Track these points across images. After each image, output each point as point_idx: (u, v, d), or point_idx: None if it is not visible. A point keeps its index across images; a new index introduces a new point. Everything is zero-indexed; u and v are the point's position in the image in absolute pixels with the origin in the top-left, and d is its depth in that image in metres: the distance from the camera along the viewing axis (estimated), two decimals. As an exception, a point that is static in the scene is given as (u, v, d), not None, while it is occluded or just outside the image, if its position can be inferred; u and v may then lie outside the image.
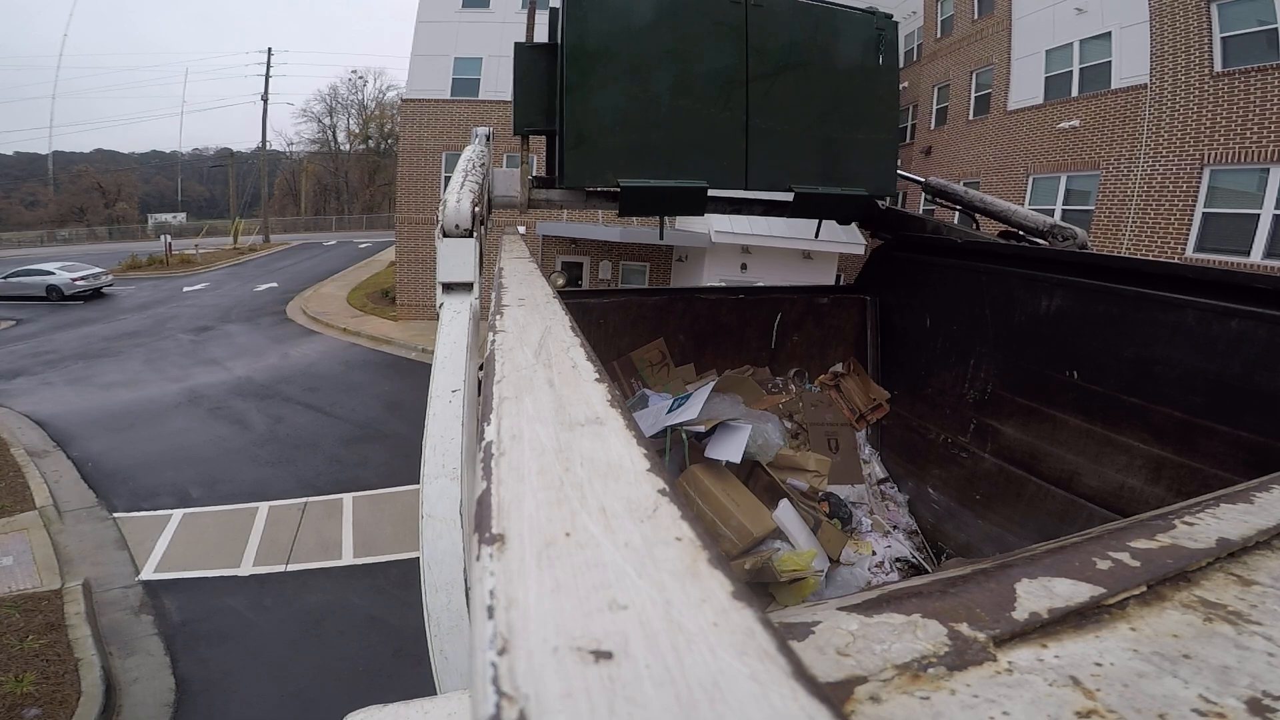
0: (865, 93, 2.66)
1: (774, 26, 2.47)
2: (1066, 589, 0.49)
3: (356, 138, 53.82)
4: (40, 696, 4.71)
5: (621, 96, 2.36)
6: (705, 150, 2.45)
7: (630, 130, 2.39)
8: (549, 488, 0.38)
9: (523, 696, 0.22)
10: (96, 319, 17.99)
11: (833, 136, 2.63)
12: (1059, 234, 2.61)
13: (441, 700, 0.92)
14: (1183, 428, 1.93)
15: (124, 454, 8.98)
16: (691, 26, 2.42)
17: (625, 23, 2.35)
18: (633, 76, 2.36)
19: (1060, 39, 12.27)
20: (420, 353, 14.31)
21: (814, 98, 2.57)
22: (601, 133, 2.37)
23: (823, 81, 2.58)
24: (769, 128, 2.49)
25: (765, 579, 2.27)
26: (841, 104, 2.62)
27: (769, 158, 2.50)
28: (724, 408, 2.76)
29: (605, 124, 2.37)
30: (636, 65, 2.36)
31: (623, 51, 2.35)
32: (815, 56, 2.57)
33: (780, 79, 2.50)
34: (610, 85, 2.35)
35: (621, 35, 2.35)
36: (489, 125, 2.91)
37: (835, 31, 2.60)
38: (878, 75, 2.65)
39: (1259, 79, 8.99)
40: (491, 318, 0.85)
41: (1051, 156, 12.40)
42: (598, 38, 2.33)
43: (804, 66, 2.54)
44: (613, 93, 2.36)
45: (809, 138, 2.59)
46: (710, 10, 2.41)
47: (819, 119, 2.59)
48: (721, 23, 2.42)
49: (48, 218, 46.18)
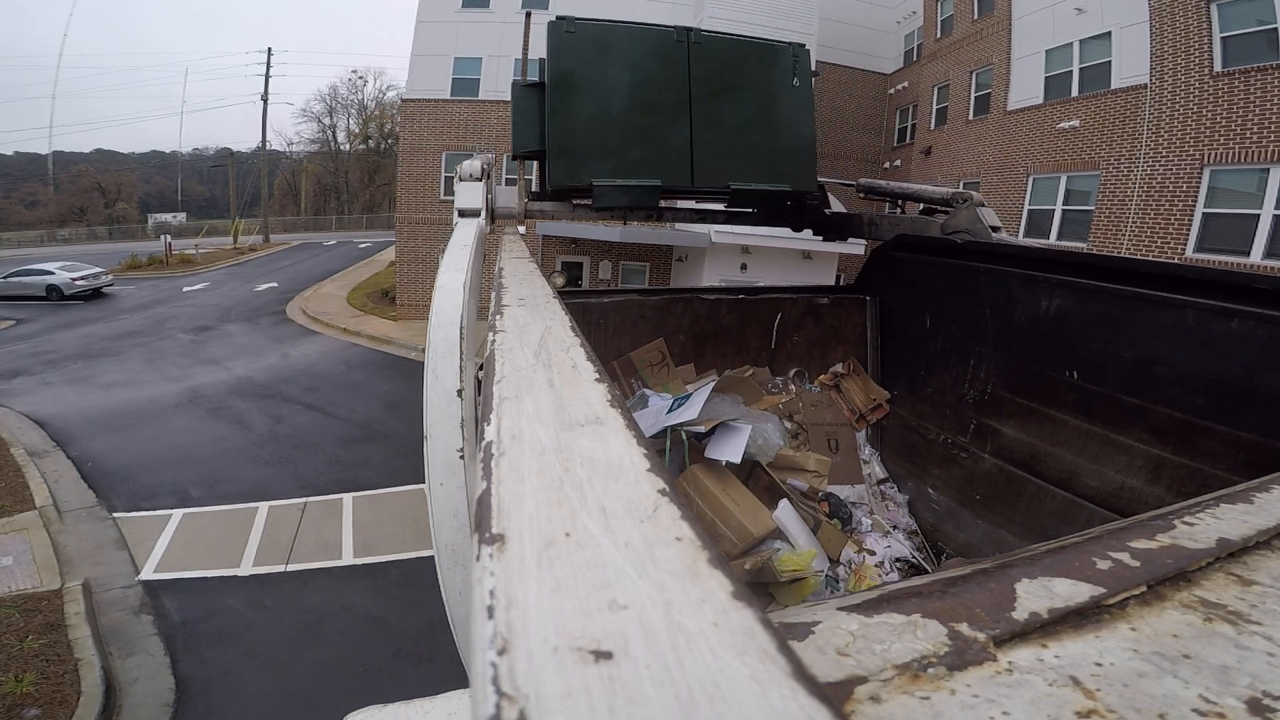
0: (785, 108, 3.24)
1: (710, 58, 3.13)
2: (1066, 589, 0.49)
3: (356, 138, 53.84)
4: (40, 696, 4.71)
5: (593, 118, 2.99)
6: (659, 157, 3.03)
7: (600, 142, 2.98)
8: (549, 488, 0.38)
9: (523, 696, 0.22)
10: (96, 319, 17.98)
11: (760, 144, 3.18)
12: (958, 200, 2.95)
13: (441, 700, 0.92)
14: (1183, 428, 1.93)
15: (124, 454, 8.98)
16: (646, 61, 3.07)
17: (595, 62, 3.00)
18: (601, 102, 2.99)
19: (1060, 39, 12.27)
20: (420, 352, 14.30)
21: (744, 113, 3.16)
22: (578, 144, 2.95)
23: (750, 100, 3.19)
24: (709, 138, 3.08)
25: (765, 579, 2.27)
26: (766, 117, 3.21)
27: (710, 162, 3.07)
28: (724, 408, 2.76)
29: (580, 138, 2.96)
30: (604, 93, 3.00)
31: (593, 84, 2.99)
32: (744, 80, 3.20)
33: (717, 99, 3.11)
34: (584, 109, 2.97)
35: (592, 71, 3.00)
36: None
37: (759, 60, 3.26)
38: (795, 93, 3.25)
39: (1259, 79, 8.99)
40: (491, 318, 0.85)
41: (1051, 156, 12.40)
42: (574, 74, 2.97)
43: (735, 89, 3.16)
44: (586, 115, 2.97)
45: (741, 145, 3.15)
46: (659, 48, 3.08)
47: (748, 130, 3.17)
48: (669, 57, 3.08)
49: (48, 218, 46.18)
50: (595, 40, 3.01)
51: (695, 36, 3.11)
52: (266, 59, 38.39)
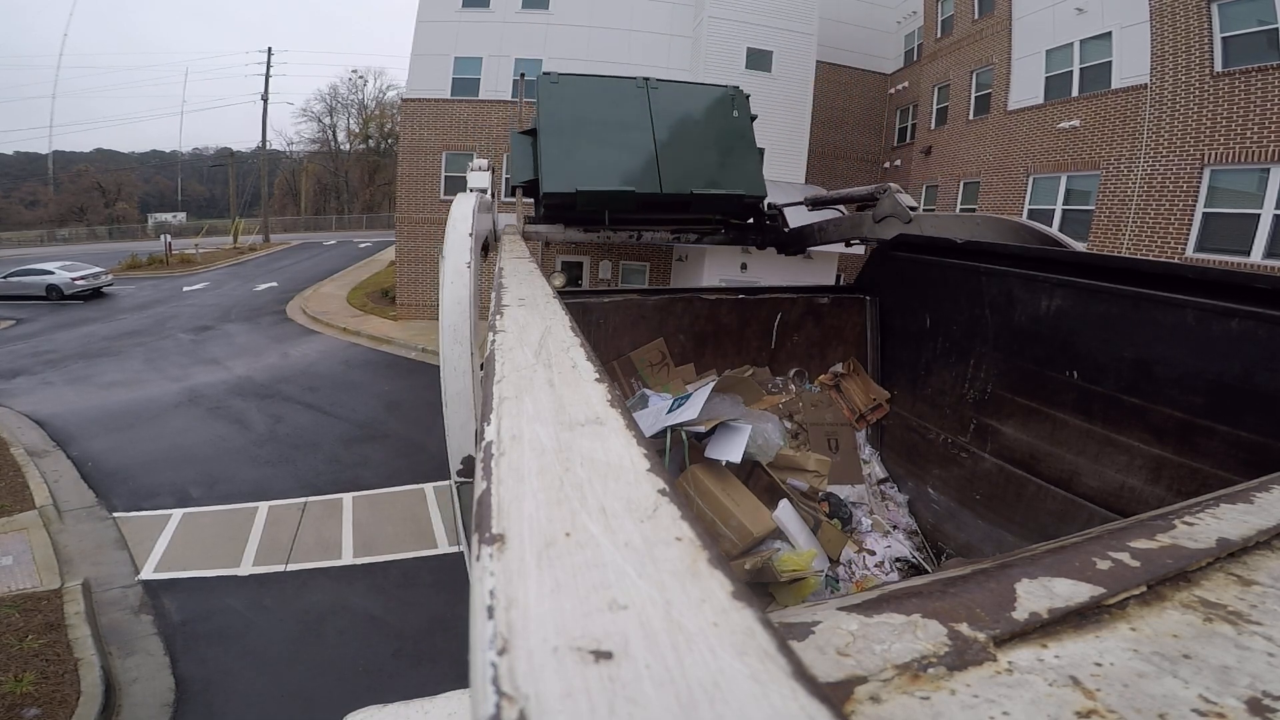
0: (728, 133, 4.03)
1: (666, 100, 3.98)
2: (1066, 589, 0.49)
3: (356, 137, 53.79)
4: (40, 696, 4.71)
5: (576, 144, 3.69)
6: (632, 170, 3.69)
7: (583, 161, 3.63)
8: (549, 488, 0.38)
9: (523, 696, 0.22)
10: (96, 318, 17.98)
11: (712, 160, 3.91)
12: (880, 192, 3.44)
13: (441, 700, 0.92)
14: (1183, 428, 1.93)
15: (124, 453, 8.98)
16: (617, 103, 3.88)
17: (577, 105, 3.82)
18: (582, 132, 3.74)
19: (1060, 39, 12.27)
20: (420, 352, 14.30)
21: (698, 137, 3.94)
22: (564, 163, 3.60)
23: (700, 128, 4.00)
24: (672, 156, 3.79)
25: (765, 579, 2.27)
26: (716, 140, 3.98)
27: (674, 174, 3.73)
28: (724, 408, 2.76)
29: (567, 158, 3.62)
30: (584, 126, 3.76)
31: (576, 120, 3.76)
32: (694, 114, 4.04)
33: (674, 129, 3.89)
34: (569, 138, 3.70)
35: (574, 111, 3.79)
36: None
37: (705, 99, 4.15)
38: (735, 122, 4.08)
39: (1259, 79, 8.98)
40: (491, 318, 0.85)
41: (1051, 156, 12.40)
42: (560, 115, 3.76)
43: (688, 121, 3.99)
44: (570, 142, 3.68)
45: (698, 161, 3.85)
46: (626, 94, 3.92)
47: (701, 150, 3.92)
48: (634, 100, 3.90)
49: (48, 217, 46.15)
50: (575, 88, 3.89)
51: (653, 84, 3.98)
52: (266, 59, 38.38)
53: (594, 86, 3.94)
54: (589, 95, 3.86)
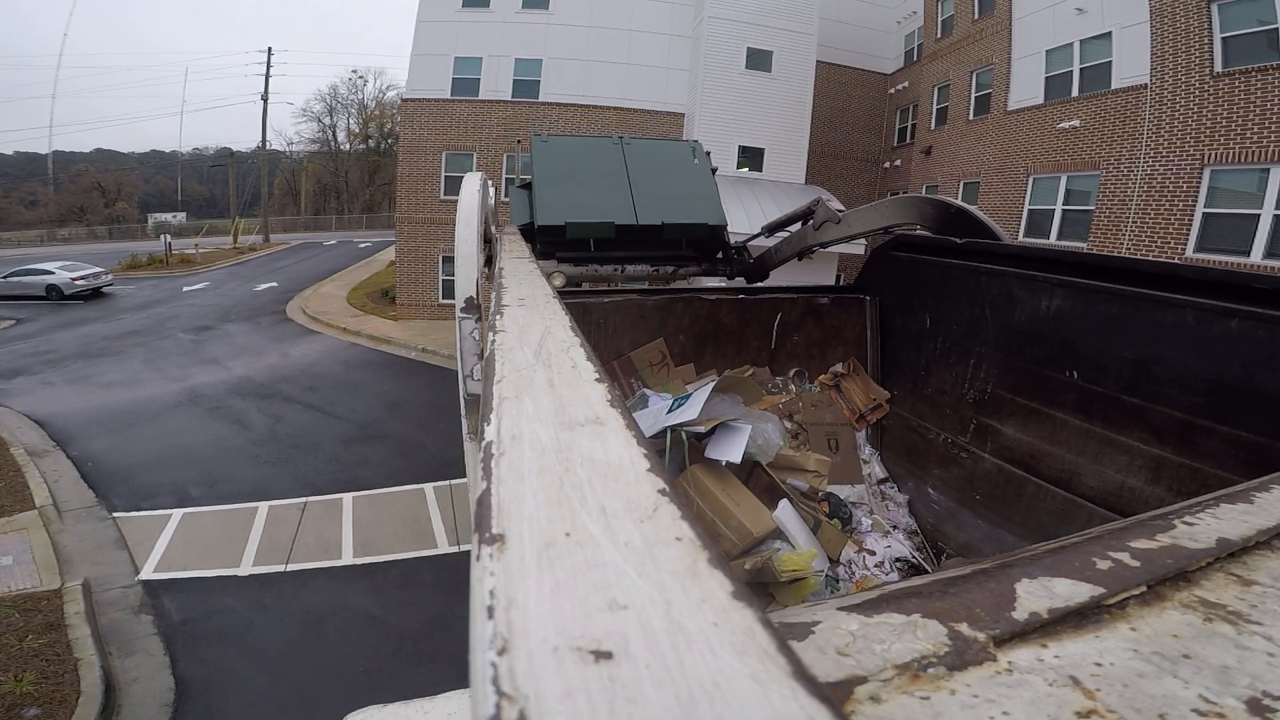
0: (693, 176, 4.76)
1: (639, 152, 4.74)
2: (1066, 589, 0.49)
3: (356, 137, 53.80)
4: (40, 696, 4.71)
5: (565, 188, 4.36)
6: (611, 206, 4.33)
7: (571, 200, 4.28)
8: (549, 488, 0.38)
9: (523, 696, 0.22)
10: (96, 318, 17.98)
11: (679, 196, 4.56)
12: (814, 205, 3.93)
13: (441, 700, 0.92)
14: (1183, 428, 1.93)
15: (124, 453, 8.98)
16: (598, 156, 4.65)
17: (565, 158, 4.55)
18: (570, 178, 4.42)
19: (1060, 39, 12.27)
20: (420, 352, 14.31)
21: (665, 179, 4.61)
22: (555, 203, 4.22)
23: (668, 172, 4.69)
24: (645, 193, 4.45)
25: (765, 579, 2.26)
26: (680, 181, 4.67)
27: (646, 207, 4.39)
28: (724, 408, 2.76)
29: (557, 199, 4.26)
30: (572, 175, 4.44)
31: (564, 170, 4.45)
32: (663, 161, 4.79)
33: (646, 173, 4.58)
34: (558, 184, 4.36)
35: (563, 163, 4.50)
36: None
37: (671, 150, 5.02)
38: (697, 168, 4.85)
39: (1259, 79, 8.99)
40: (491, 318, 0.85)
41: (1051, 156, 12.40)
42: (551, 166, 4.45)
43: (658, 167, 4.69)
44: (560, 187, 4.35)
45: (666, 198, 4.49)
46: (605, 149, 4.71)
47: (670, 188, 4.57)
48: (612, 152, 4.68)
49: (48, 217, 46.15)
50: (563, 145, 4.72)
51: (627, 140, 4.85)
52: (267, 59, 38.39)
53: (578, 144, 4.87)
54: (574, 150, 4.72)
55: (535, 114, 16.24)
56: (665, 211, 4.39)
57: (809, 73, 16.02)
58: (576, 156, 4.60)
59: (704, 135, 15.81)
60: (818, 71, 16.27)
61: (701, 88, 15.59)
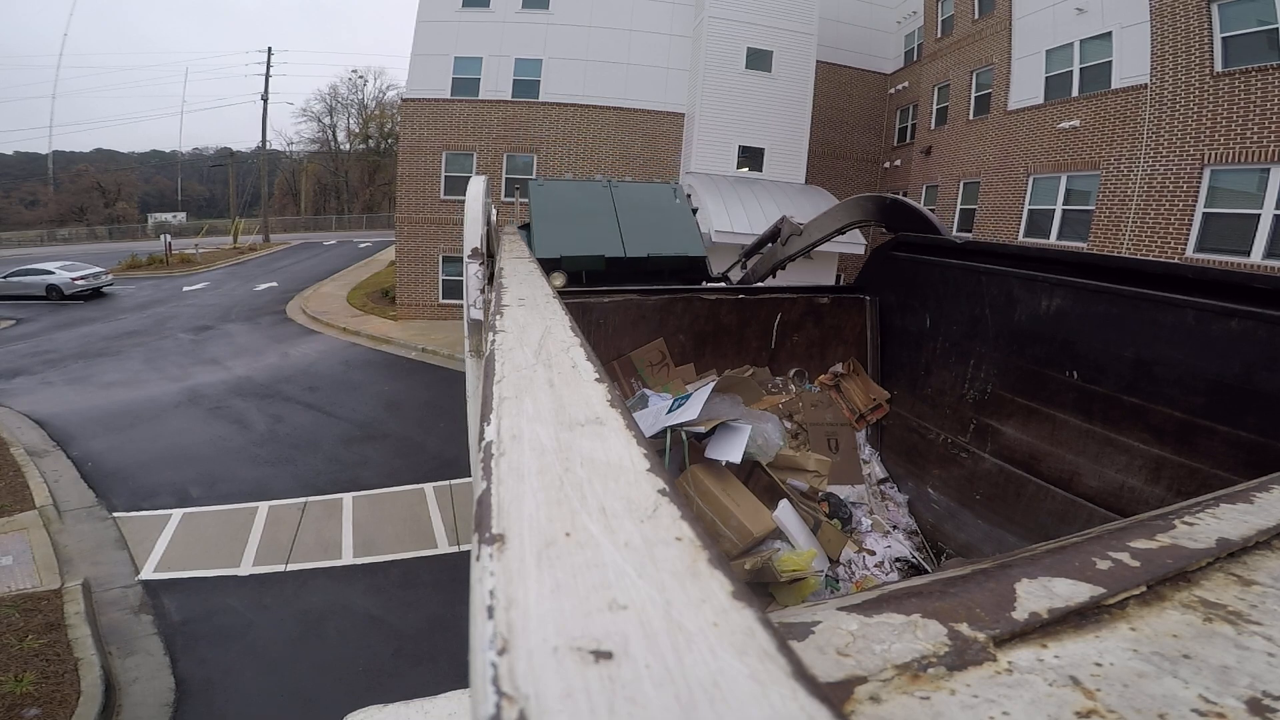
0: (673, 213, 5.36)
1: (625, 193, 5.34)
2: (1066, 589, 0.49)
3: (356, 137, 53.79)
4: (40, 696, 4.71)
5: (560, 225, 4.81)
6: (601, 240, 4.81)
7: (565, 236, 4.71)
8: (549, 488, 0.38)
9: (523, 696, 0.22)
10: (96, 318, 17.98)
11: (661, 230, 5.08)
12: (780, 224, 4.32)
13: (441, 700, 0.92)
14: (1183, 428, 1.93)
15: (124, 453, 8.98)
16: (588, 197, 5.22)
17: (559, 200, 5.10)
18: (564, 218, 4.90)
19: (1060, 39, 12.27)
20: (420, 352, 14.30)
21: (649, 216, 5.17)
22: (551, 238, 4.62)
23: (651, 209, 5.28)
24: (630, 228, 4.96)
25: (765, 579, 2.26)
26: (663, 219, 5.23)
27: (632, 241, 4.86)
28: (724, 408, 2.76)
29: (553, 235, 4.67)
30: (566, 214, 4.94)
31: (559, 210, 4.96)
32: (646, 201, 5.39)
33: (632, 211, 5.12)
34: (554, 222, 4.83)
35: (557, 204, 5.04)
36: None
37: (654, 191, 5.62)
38: (679, 205, 5.48)
39: (1259, 79, 8.98)
40: (491, 318, 0.85)
41: (1051, 156, 12.40)
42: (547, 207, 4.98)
43: (642, 205, 5.28)
44: (555, 224, 4.80)
45: (650, 231, 5.00)
46: (595, 191, 5.31)
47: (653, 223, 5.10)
48: (601, 194, 5.28)
49: (48, 217, 46.14)
50: (557, 188, 5.31)
51: (614, 183, 5.45)
52: (266, 59, 38.37)
53: (571, 187, 5.44)
54: (568, 193, 5.30)
55: (535, 114, 16.25)
56: (650, 245, 4.93)
57: (809, 72, 16.02)
58: (569, 198, 5.20)
59: (704, 135, 15.82)
60: (818, 71, 16.26)
61: (701, 88, 15.58)
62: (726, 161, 15.83)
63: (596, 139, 16.46)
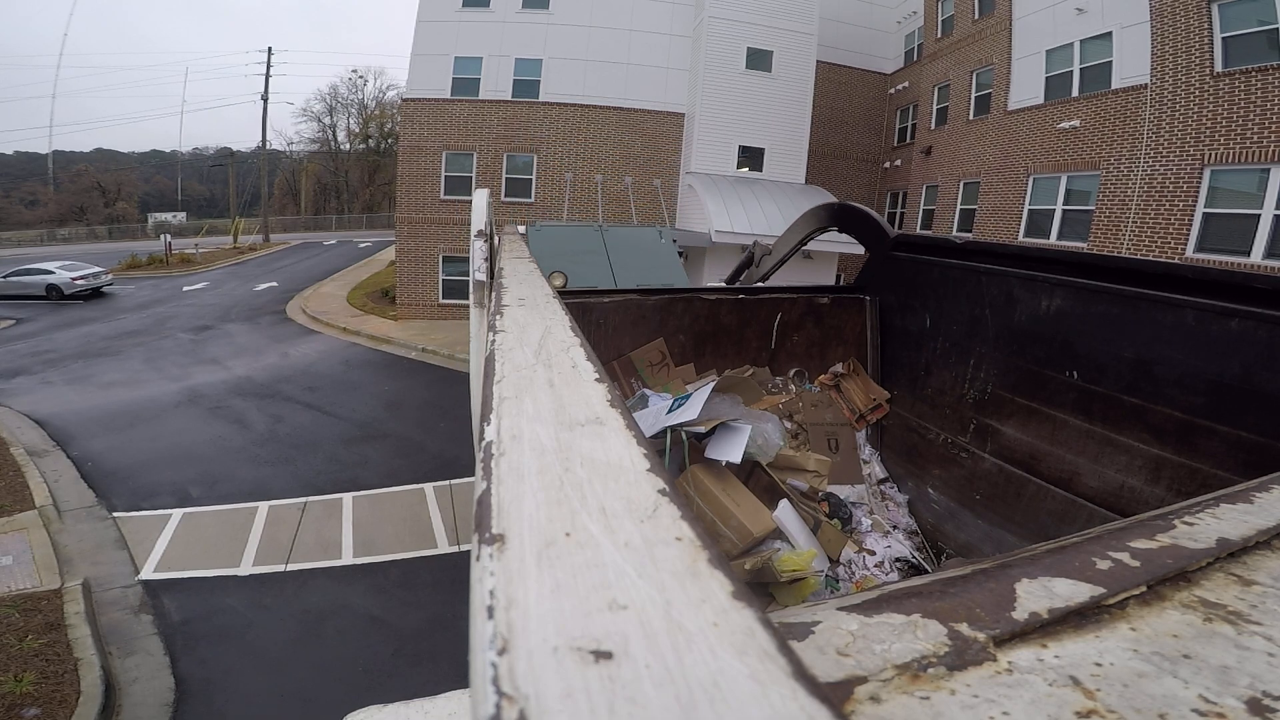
0: (659, 251, 5.98)
1: (616, 235, 5.93)
2: (1066, 589, 0.49)
3: (356, 137, 53.80)
4: (40, 696, 4.71)
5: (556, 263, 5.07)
6: (593, 276, 5.30)
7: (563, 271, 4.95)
8: (549, 488, 0.38)
9: (523, 696, 0.22)
10: (96, 318, 17.98)
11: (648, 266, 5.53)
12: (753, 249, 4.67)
13: (441, 700, 0.92)
14: (1183, 428, 1.93)
15: (124, 453, 8.98)
16: (582, 239, 5.87)
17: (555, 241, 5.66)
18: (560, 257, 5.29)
19: (1060, 39, 12.27)
20: (420, 352, 14.30)
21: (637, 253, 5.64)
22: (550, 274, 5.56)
23: (640, 250, 5.85)
24: (620, 264, 5.46)
25: (765, 579, 2.26)
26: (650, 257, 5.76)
27: (622, 275, 5.34)
28: (724, 408, 2.76)
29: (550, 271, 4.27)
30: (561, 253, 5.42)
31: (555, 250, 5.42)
32: (635, 241, 6.01)
33: (622, 249, 5.66)
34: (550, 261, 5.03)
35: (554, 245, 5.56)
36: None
37: (642, 233, 6.28)
38: (665, 245, 6.16)
39: (1259, 79, 8.99)
40: (491, 318, 0.85)
41: (1052, 156, 12.40)
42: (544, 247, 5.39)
43: (631, 244, 5.87)
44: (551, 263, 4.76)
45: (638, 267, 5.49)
46: (588, 233, 5.97)
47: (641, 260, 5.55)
48: (594, 235, 5.86)
49: (48, 217, 46.14)
50: (553, 231, 5.83)
51: (606, 226, 6.08)
52: (267, 59, 38.37)
53: (566, 230, 6.09)
54: (563, 235, 5.90)
55: (535, 114, 16.25)
56: (638, 278, 5.55)
57: (809, 72, 16.03)
58: (565, 240, 5.82)
59: (704, 135, 15.82)
60: (818, 71, 16.27)
61: (701, 88, 15.59)
62: (727, 161, 15.83)
63: (596, 139, 16.47)
